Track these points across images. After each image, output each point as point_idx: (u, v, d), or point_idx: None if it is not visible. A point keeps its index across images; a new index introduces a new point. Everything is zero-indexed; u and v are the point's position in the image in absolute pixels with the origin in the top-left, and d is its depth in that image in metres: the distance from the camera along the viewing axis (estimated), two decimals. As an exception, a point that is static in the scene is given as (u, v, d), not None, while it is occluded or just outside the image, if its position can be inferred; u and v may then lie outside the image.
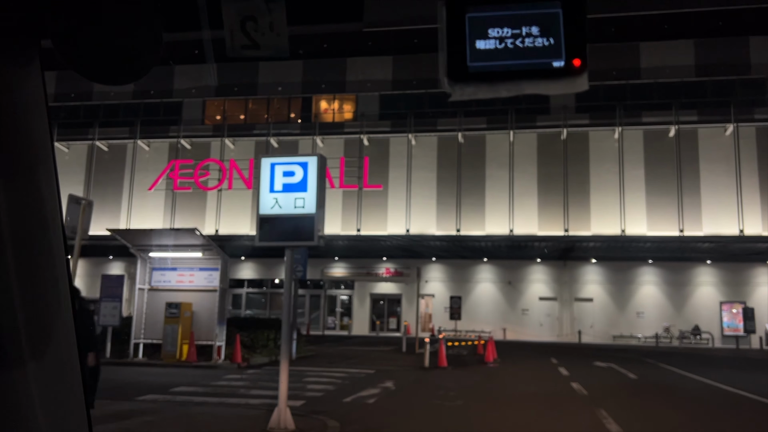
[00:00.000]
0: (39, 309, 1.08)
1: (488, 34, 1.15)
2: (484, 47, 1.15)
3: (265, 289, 37.40)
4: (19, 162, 1.08)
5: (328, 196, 32.77)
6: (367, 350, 21.88)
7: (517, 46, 1.15)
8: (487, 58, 1.15)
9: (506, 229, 32.88)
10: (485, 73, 1.15)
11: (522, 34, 1.14)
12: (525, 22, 1.15)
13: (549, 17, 1.14)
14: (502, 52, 1.15)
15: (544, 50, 1.14)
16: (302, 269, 16.98)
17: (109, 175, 36.87)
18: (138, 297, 15.45)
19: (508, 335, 32.69)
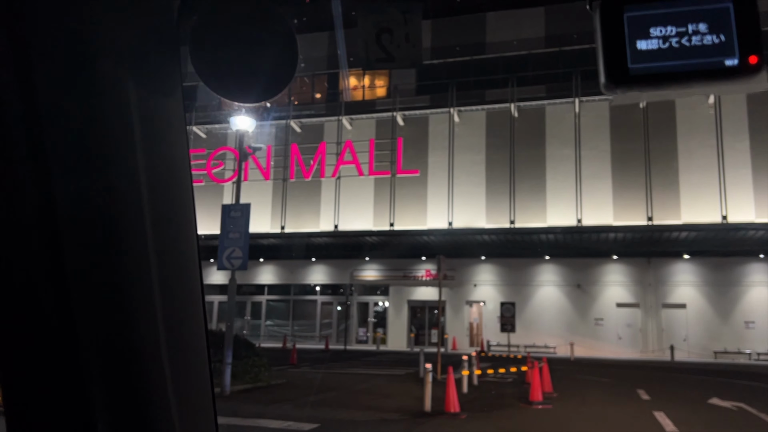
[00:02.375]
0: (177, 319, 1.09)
1: (650, 34, 1.04)
2: (646, 48, 1.04)
3: (290, 296, 31.70)
4: (162, 173, 1.09)
5: (356, 185, 26.83)
6: (368, 376, 15.63)
7: (683, 45, 1.04)
8: (650, 60, 1.04)
9: (573, 219, 25.88)
10: (649, 75, 1.05)
11: (688, 32, 1.04)
12: (691, 19, 1.04)
13: (718, 12, 1.03)
14: (666, 52, 1.04)
15: (715, 48, 1.03)
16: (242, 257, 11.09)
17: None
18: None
19: (578, 351, 25.57)
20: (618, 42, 1.05)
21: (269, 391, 11.84)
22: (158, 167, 1.08)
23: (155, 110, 1.09)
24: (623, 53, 1.05)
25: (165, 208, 1.09)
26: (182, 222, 1.12)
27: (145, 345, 1.02)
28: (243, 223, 11.30)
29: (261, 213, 29.59)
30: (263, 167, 29.36)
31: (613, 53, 1.06)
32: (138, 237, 1.02)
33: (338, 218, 28.61)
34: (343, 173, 28.53)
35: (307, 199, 29.42)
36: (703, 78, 1.04)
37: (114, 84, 1.02)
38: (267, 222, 29.55)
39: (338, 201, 28.80)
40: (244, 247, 11.27)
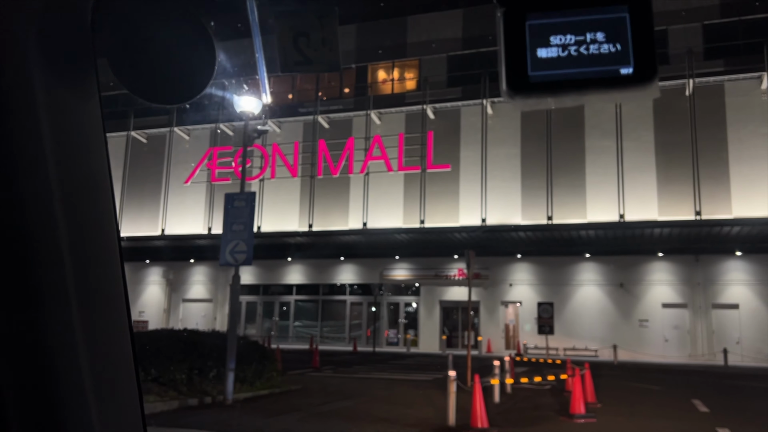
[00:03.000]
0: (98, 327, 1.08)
1: (550, 42, 1.05)
2: (546, 55, 1.05)
3: (318, 297, 30.63)
4: (78, 180, 1.08)
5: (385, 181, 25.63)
6: (393, 381, 14.35)
7: (581, 53, 1.05)
8: (549, 67, 1.06)
9: (614, 214, 24.21)
10: (548, 83, 1.06)
11: (587, 40, 1.05)
12: (590, 28, 1.05)
13: (615, 22, 1.05)
14: (565, 60, 1.06)
15: (611, 57, 1.05)
16: (246, 251, 9.94)
17: (148, 169, 31.73)
18: None
19: (621, 354, 23.81)
20: (519, 49, 1.06)
21: (278, 399, 10.67)
22: (74, 175, 1.06)
23: (69, 115, 1.07)
24: (524, 60, 1.06)
25: (82, 215, 1.06)
26: (102, 228, 1.10)
27: (62, 353, 1.00)
28: (247, 214, 10.19)
29: (289, 211, 28.63)
30: (290, 164, 28.42)
31: (514, 60, 1.06)
32: (52, 246, 1.00)
33: (367, 216, 27.44)
34: (372, 169, 27.35)
35: (335, 197, 28.34)
36: (599, 86, 1.06)
37: (22, 89, 0.99)
38: (295, 220, 28.58)
39: (367, 198, 27.63)
40: (249, 240, 10.14)
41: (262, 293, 31.28)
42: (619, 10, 1.04)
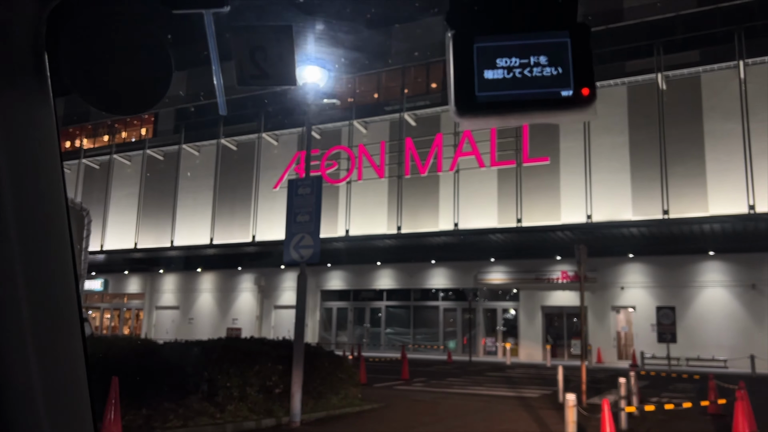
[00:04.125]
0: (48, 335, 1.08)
1: (496, 64, 1.10)
2: (492, 77, 1.10)
3: (410, 302, 28.81)
4: (30, 189, 1.08)
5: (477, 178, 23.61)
6: (492, 398, 12.18)
7: (525, 75, 1.10)
8: (495, 88, 1.10)
9: (742, 205, 20.83)
10: (494, 103, 1.10)
11: (530, 63, 1.10)
12: (533, 52, 1.10)
13: (557, 47, 1.10)
14: (510, 81, 1.10)
15: (553, 80, 1.09)
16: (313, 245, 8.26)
17: (238, 176, 31.26)
18: None
19: (760, 366, 20.32)
20: (467, 70, 1.08)
21: (356, 421, 8.90)
22: (27, 185, 1.05)
23: (20, 123, 1.06)
24: (472, 81, 1.08)
25: (35, 225, 1.05)
26: (54, 236, 1.09)
27: (12, 359, 1.00)
28: (313, 202, 8.55)
29: (377, 213, 27.09)
30: (377, 165, 26.89)
31: (462, 81, 1.08)
32: (3, 255, 1.00)
33: (458, 216, 25.39)
34: (462, 166, 25.30)
35: (424, 197, 26.51)
36: (541, 107, 1.08)
37: None
38: (383, 222, 26.98)
39: (458, 197, 25.60)
40: (315, 233, 8.48)
41: (353, 299, 29.88)
42: (561, 35, 1.07)
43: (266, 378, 8.33)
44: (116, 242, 33.05)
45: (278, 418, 8.27)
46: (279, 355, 8.72)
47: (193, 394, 7.74)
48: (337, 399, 9.77)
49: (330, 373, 9.58)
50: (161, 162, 33.54)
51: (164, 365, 7.82)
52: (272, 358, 8.56)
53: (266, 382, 8.35)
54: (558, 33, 1.09)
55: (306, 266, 8.69)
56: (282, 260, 28.51)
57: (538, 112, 1.09)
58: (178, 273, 34.04)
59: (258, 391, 8.26)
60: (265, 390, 8.37)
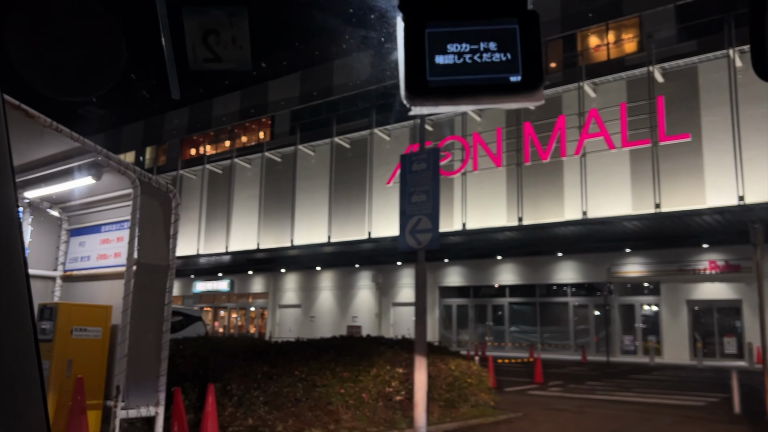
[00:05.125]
0: None
1: (447, 50, 1.10)
2: (443, 62, 1.10)
3: (536, 299, 26.77)
4: None
5: (606, 161, 21.41)
6: (648, 406, 10.22)
7: (475, 61, 1.10)
8: (446, 73, 1.11)
9: None
10: (445, 88, 1.11)
11: (480, 49, 1.10)
12: (483, 38, 1.11)
13: (506, 33, 1.11)
14: (460, 67, 1.11)
15: (502, 65, 1.11)
16: (431, 228, 6.93)
17: (352, 173, 30.75)
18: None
19: None
20: (419, 55, 1.08)
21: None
22: None
23: None
24: (423, 66, 1.08)
25: None
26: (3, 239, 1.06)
27: None
28: (430, 178, 7.26)
29: (495, 205, 25.39)
30: (494, 153, 25.19)
31: (414, 66, 1.08)
32: None
33: (586, 203, 23.14)
34: (589, 149, 23.04)
35: (546, 185, 24.47)
36: (490, 92, 1.08)
37: None
38: (502, 214, 25.23)
39: (585, 182, 23.35)
40: (434, 215, 7.18)
41: (473, 296, 28.30)
42: (510, 22, 1.09)
43: (385, 383, 7.15)
44: (240, 243, 33.69)
45: (401, 430, 7.06)
46: (399, 357, 7.52)
47: (303, 402, 6.72)
48: (467, 407, 8.40)
49: (457, 378, 8.23)
50: (279, 164, 33.80)
51: (272, 368, 6.86)
52: (391, 360, 7.36)
53: (385, 388, 7.17)
54: (507, 20, 1.08)
55: (424, 254, 7.41)
56: (398, 256, 27.46)
57: (488, 97, 1.08)
58: (298, 272, 34.15)
59: (376, 399, 7.10)
60: (384, 397, 7.19)
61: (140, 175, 5.36)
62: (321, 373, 6.82)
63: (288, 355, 7.15)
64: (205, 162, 36.11)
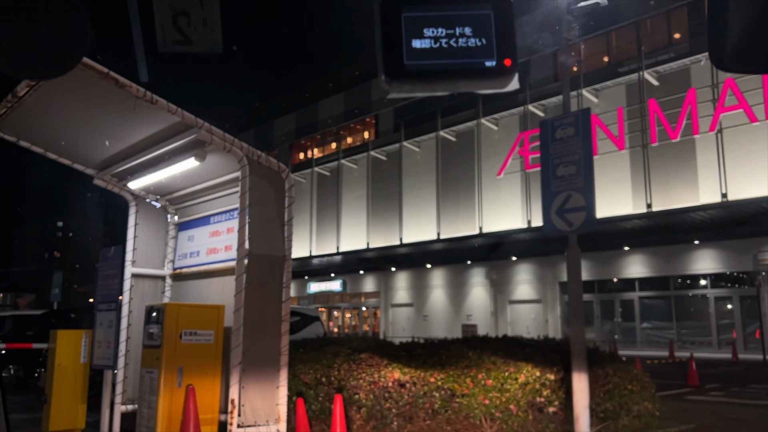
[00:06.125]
0: None
1: (424, 34, 1.10)
2: (420, 46, 1.10)
3: (670, 292, 24.25)
4: None
5: (747, 136, 18.88)
6: None
7: (451, 45, 1.10)
8: (423, 57, 1.10)
9: None
10: (421, 72, 1.11)
11: (456, 34, 1.11)
12: (459, 23, 1.11)
13: (481, 19, 1.11)
14: (437, 51, 1.11)
15: (477, 50, 1.11)
16: (585, 206, 5.67)
17: (459, 167, 29.54)
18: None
19: None
20: (396, 39, 1.09)
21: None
22: None
23: None
24: (400, 50, 1.09)
25: None
26: None
27: None
28: (581, 146, 5.99)
29: (618, 191, 23.24)
30: (615, 136, 23.08)
31: (391, 50, 1.08)
32: None
33: (725, 185, 20.57)
34: (726, 123, 20.49)
35: (676, 166, 22.07)
36: (466, 76, 1.10)
37: None
38: (627, 201, 23.07)
39: (723, 161, 20.80)
40: (588, 189, 5.90)
41: (598, 290, 26.15)
42: (484, 7, 1.10)
43: (535, 392, 5.98)
44: (350, 243, 33.43)
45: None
46: (549, 361, 6.31)
47: (441, 414, 5.69)
48: (628, 419, 7.02)
49: (617, 384, 6.88)
50: (384, 162, 33.23)
51: (404, 374, 5.89)
52: (540, 365, 6.18)
53: (536, 398, 5.99)
54: (482, 5, 1.09)
55: (576, 239, 6.14)
56: (514, 251, 25.89)
57: (464, 81, 1.09)
58: (409, 270, 33.38)
59: (525, 410, 5.94)
60: (534, 408, 6.02)
61: (248, 153, 4.55)
62: (460, 380, 5.77)
63: (418, 359, 6.15)
64: (314, 165, 36.26)
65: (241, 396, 4.22)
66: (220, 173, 5.20)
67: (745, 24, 0.99)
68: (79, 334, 6.36)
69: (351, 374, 5.71)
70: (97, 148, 5.17)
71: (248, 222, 4.44)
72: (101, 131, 4.84)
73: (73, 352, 6.28)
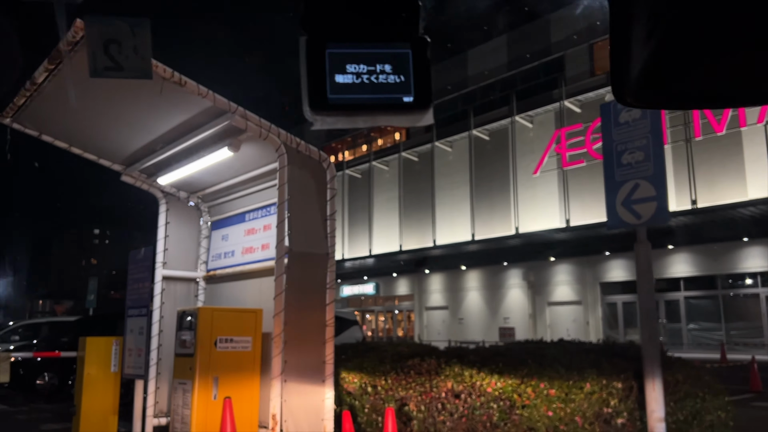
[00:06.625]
0: None
1: (346, 69, 1.15)
2: (343, 81, 1.15)
3: (717, 291, 23.18)
4: None
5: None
6: None
7: (372, 81, 1.16)
8: (345, 91, 1.15)
9: None
10: (344, 105, 1.16)
11: (377, 71, 1.16)
12: (379, 60, 1.16)
13: (400, 57, 1.16)
14: (359, 86, 1.16)
15: (396, 86, 1.16)
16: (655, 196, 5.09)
17: (493, 166, 28.86)
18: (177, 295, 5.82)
19: None
20: (320, 74, 1.12)
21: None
22: None
23: None
24: (324, 84, 1.12)
25: None
26: None
27: None
28: (649, 130, 5.39)
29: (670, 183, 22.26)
30: (656, 130, 22.06)
31: (315, 83, 1.11)
32: None
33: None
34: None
35: (722, 161, 21.10)
36: (386, 110, 1.14)
37: None
38: (671, 197, 22.04)
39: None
40: (658, 178, 5.30)
41: (640, 290, 25.14)
42: (403, 46, 1.15)
43: (602, 402, 5.39)
44: (382, 246, 32.97)
45: (628, 466, 5.28)
46: (613, 367, 5.71)
47: (501, 427, 5.14)
48: (700, 429, 6.35)
49: (688, 393, 6.22)
50: (416, 163, 32.72)
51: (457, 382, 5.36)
52: (607, 372, 5.59)
53: (603, 409, 5.40)
54: (401, 45, 1.13)
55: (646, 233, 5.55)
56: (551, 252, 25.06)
57: (384, 114, 1.13)
58: (443, 272, 32.75)
59: (591, 422, 5.36)
60: (602, 420, 5.42)
61: (287, 140, 4.09)
62: (520, 390, 5.21)
63: (471, 366, 5.61)
64: (345, 167, 35.92)
65: (282, 410, 3.76)
66: (256, 165, 4.76)
67: (648, 56, 0.94)
68: (109, 341, 6.00)
69: (399, 383, 5.22)
70: (123, 141, 4.80)
71: (287, 217, 3.98)
72: (126, 121, 4.46)
73: (104, 360, 5.92)
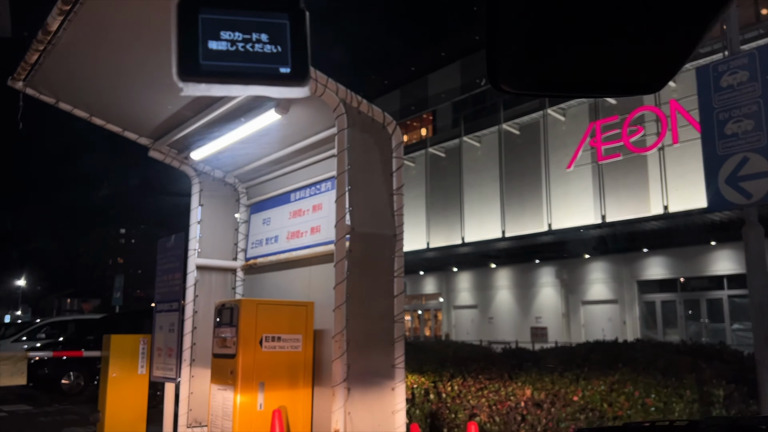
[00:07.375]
0: None
1: (221, 36, 1.12)
2: (216, 48, 1.12)
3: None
4: None
5: None
6: None
7: (247, 50, 1.13)
8: (219, 58, 1.12)
9: None
10: (217, 72, 1.13)
11: (252, 39, 1.13)
12: (255, 29, 1.14)
13: (277, 27, 1.15)
14: (233, 54, 1.13)
15: (273, 56, 1.15)
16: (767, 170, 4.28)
17: (524, 161, 27.91)
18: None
19: None
20: (192, 39, 1.08)
21: None
22: None
23: None
24: (196, 50, 1.09)
25: None
26: None
27: None
28: (759, 94, 4.59)
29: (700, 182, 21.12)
30: (697, 121, 20.96)
31: (187, 48, 1.08)
32: None
33: (831, 170, 18.27)
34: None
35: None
36: (261, 80, 1.12)
37: None
38: (715, 191, 20.90)
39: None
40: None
41: (680, 289, 24.09)
42: (281, 17, 1.12)
43: (704, 412, 4.60)
44: (409, 244, 32.14)
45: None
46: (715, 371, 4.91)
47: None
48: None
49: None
50: (443, 159, 31.89)
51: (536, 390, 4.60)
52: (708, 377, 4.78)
53: (704, 421, 4.62)
54: (279, 14, 1.11)
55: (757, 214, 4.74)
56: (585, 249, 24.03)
57: (260, 84, 1.11)
58: (472, 270, 31.89)
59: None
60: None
61: (346, 97, 3.36)
62: (611, 398, 4.44)
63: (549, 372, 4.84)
64: (370, 164, 35.23)
65: (346, 424, 3.06)
66: (306, 133, 4.04)
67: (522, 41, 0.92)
68: (136, 339, 5.35)
69: (468, 390, 4.49)
70: (150, 108, 4.13)
71: (348, 189, 3.27)
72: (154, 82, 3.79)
73: (129, 360, 5.27)
